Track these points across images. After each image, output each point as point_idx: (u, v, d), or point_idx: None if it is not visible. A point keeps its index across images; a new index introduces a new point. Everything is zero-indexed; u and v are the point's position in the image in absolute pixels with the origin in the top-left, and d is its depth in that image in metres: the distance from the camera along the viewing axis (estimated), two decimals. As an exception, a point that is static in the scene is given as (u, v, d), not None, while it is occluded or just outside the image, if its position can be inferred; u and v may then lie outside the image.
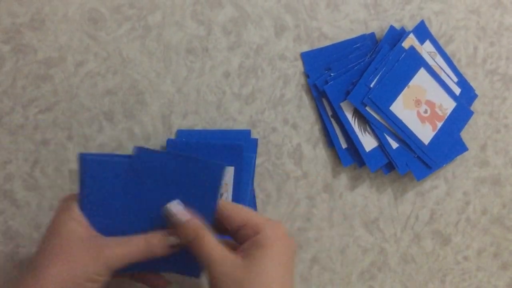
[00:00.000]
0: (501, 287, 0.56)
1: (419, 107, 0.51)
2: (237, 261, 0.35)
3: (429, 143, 0.52)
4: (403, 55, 0.51)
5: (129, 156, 0.37)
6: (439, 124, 0.52)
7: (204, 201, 0.37)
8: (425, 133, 0.52)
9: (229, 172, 0.48)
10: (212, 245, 0.36)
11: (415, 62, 0.51)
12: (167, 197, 0.37)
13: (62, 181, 0.48)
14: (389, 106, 0.51)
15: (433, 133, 0.52)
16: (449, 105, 0.53)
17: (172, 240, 0.37)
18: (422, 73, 0.52)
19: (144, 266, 0.37)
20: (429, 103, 0.52)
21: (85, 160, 0.36)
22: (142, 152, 0.37)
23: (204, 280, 0.51)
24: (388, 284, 0.54)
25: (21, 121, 0.48)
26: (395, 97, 0.51)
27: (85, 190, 0.36)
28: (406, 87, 0.51)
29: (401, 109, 0.51)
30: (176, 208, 0.37)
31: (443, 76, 0.53)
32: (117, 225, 0.37)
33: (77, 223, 0.36)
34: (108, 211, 0.37)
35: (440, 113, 0.52)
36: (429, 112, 0.52)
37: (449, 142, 0.53)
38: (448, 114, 0.53)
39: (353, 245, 0.53)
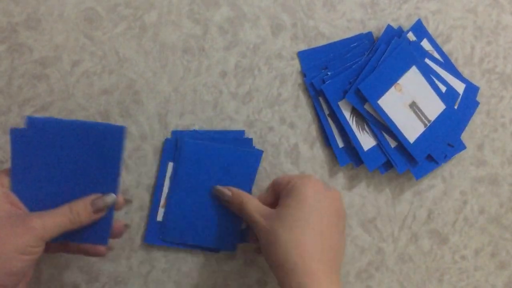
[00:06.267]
0: (498, 286, 0.56)
1: (406, 106, 0.51)
2: (272, 212, 0.41)
3: (414, 142, 0.51)
4: (400, 47, 0.51)
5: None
6: (427, 126, 0.52)
7: (108, 165, 0.38)
8: (411, 132, 0.51)
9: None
10: (253, 206, 0.43)
11: (408, 58, 0.51)
12: (78, 164, 0.38)
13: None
14: (377, 99, 0.50)
15: (420, 133, 0.51)
16: (438, 107, 0.52)
17: (97, 204, 0.38)
18: (413, 71, 0.51)
19: (65, 236, 0.38)
20: (416, 103, 0.51)
21: (12, 131, 0.37)
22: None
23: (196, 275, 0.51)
24: (385, 284, 0.54)
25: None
26: (384, 91, 0.50)
27: (14, 164, 0.37)
28: (396, 83, 0.51)
29: (390, 105, 0.50)
30: (222, 188, 0.46)
31: (440, 72, 0.53)
32: (46, 198, 0.38)
33: (2, 201, 0.36)
34: (36, 184, 0.38)
35: (427, 114, 0.52)
36: (416, 111, 0.51)
37: (436, 145, 0.52)
38: (436, 116, 0.52)
39: (350, 244, 0.53)
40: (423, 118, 0.51)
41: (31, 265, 0.36)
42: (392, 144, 0.51)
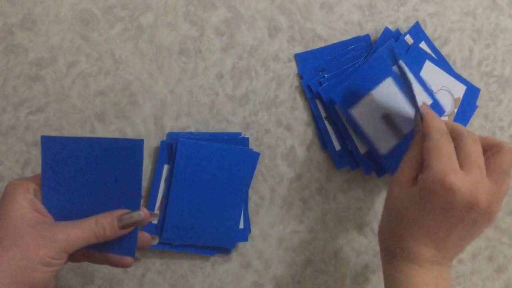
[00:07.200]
0: (496, 290, 0.56)
1: (378, 117, 0.49)
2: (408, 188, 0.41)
3: (386, 154, 0.49)
4: (375, 57, 0.49)
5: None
6: (398, 140, 0.49)
7: (129, 178, 0.38)
8: (384, 144, 0.49)
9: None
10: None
11: (384, 69, 0.49)
12: (102, 179, 0.38)
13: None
14: (349, 107, 0.49)
15: (392, 146, 0.49)
16: (411, 122, 0.49)
17: (124, 220, 0.37)
18: (388, 83, 0.49)
19: (91, 246, 0.38)
20: (390, 115, 0.49)
21: (44, 141, 0.37)
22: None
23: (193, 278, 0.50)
24: None
25: (12, 122, 0.47)
26: (357, 99, 0.49)
27: (45, 173, 0.37)
28: (368, 93, 0.49)
29: (364, 115, 0.49)
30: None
31: (440, 74, 0.52)
32: (73, 210, 0.38)
33: (28, 208, 0.35)
34: (65, 195, 0.38)
35: (400, 128, 0.49)
36: (387, 125, 0.49)
37: None
38: (409, 131, 0.49)
39: (346, 247, 0.53)
40: (397, 131, 0.49)
41: (53, 276, 0.35)
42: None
